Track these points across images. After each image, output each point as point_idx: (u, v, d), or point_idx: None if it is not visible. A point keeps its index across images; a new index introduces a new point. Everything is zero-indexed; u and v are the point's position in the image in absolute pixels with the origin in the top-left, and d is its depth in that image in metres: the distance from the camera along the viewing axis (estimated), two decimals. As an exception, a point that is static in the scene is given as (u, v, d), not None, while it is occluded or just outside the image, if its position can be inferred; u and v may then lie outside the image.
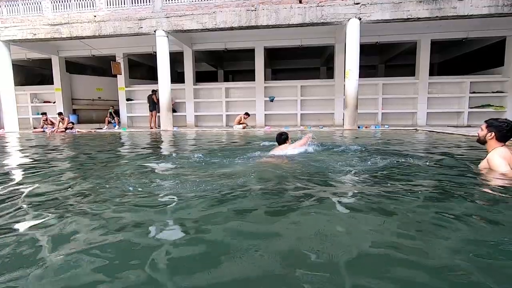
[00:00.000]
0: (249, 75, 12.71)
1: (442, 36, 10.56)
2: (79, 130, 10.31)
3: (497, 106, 10.52)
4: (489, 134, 2.48)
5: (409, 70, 12.54)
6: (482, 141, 2.55)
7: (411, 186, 2.32)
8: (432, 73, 11.32)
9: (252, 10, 9.01)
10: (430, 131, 8.15)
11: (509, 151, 2.44)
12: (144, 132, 9.89)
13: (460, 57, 13.03)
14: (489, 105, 10.60)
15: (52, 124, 10.71)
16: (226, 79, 17.35)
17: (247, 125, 10.49)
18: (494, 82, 10.68)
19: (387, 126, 9.89)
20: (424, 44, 10.70)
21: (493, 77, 10.71)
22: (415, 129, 9.08)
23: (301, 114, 11.78)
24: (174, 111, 11.79)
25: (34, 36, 10.14)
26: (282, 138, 3.94)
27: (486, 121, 2.55)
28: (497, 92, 10.56)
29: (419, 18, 8.51)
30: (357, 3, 8.66)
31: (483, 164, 2.63)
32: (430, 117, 11.04)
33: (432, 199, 1.98)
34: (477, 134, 2.62)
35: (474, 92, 10.69)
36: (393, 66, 15.41)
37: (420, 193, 2.10)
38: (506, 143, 2.49)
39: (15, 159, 4.66)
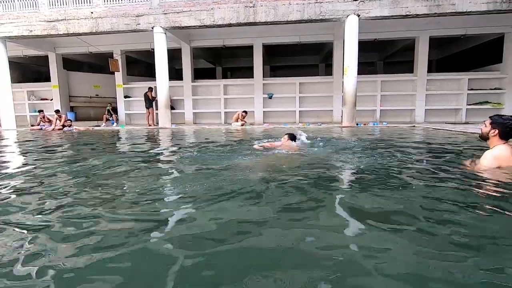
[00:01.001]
0: (247, 72, 12.67)
1: (440, 32, 10.55)
2: (77, 127, 10.27)
3: (495, 103, 10.54)
4: (492, 130, 2.42)
5: (407, 67, 12.53)
6: (485, 138, 2.51)
7: (410, 184, 2.33)
8: (430, 69, 11.31)
9: (251, 7, 8.96)
10: (428, 127, 8.17)
11: (510, 149, 2.39)
12: (142, 129, 9.86)
13: (458, 53, 13.03)
14: (487, 102, 10.62)
15: (50, 121, 10.65)
16: (224, 76, 17.30)
17: (245, 122, 10.44)
18: (492, 79, 10.70)
19: (385, 123, 9.91)
20: (423, 40, 10.69)
21: (491, 74, 10.72)
22: (413, 125, 9.09)
23: (299, 111, 11.77)
24: (172, 108, 11.75)
25: (31, 33, 10.05)
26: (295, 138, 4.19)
27: (490, 117, 2.49)
28: (495, 89, 10.58)
29: (418, 14, 8.49)
30: (355, 0, 8.63)
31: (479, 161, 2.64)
32: (428, 114, 11.05)
33: (427, 198, 1.99)
34: (479, 130, 2.59)
35: (472, 89, 10.70)
36: (391, 63, 15.41)
37: (415, 192, 2.11)
38: (509, 141, 2.45)
39: (11, 157, 4.63)
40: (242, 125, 10.03)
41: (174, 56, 12.71)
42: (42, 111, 11.00)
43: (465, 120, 10.65)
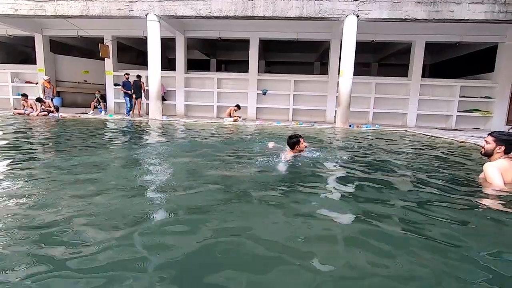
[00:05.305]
0: (242, 66, 12.45)
1: (436, 38, 10.58)
2: (62, 114, 9.89)
3: (484, 111, 10.71)
4: (498, 147, 2.55)
5: (401, 69, 12.57)
6: (489, 154, 2.62)
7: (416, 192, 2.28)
8: (423, 74, 11.37)
9: (249, 0, 8.72)
10: (422, 133, 8.22)
11: (510, 161, 2.52)
12: (131, 119, 9.57)
13: (452, 60, 13.15)
14: (477, 110, 10.77)
15: (32, 108, 10.14)
16: (218, 68, 17.00)
17: (239, 117, 10.24)
18: (483, 88, 10.83)
19: (378, 126, 9.93)
20: (419, 45, 10.71)
21: (483, 83, 10.86)
22: (405, 130, 9.13)
23: (293, 109, 11.68)
24: (164, 99, 11.46)
25: (16, 12, 9.51)
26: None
27: (491, 135, 2.61)
28: (485, 97, 10.72)
29: (417, 19, 8.44)
30: (355, 0, 8.51)
31: (482, 175, 2.69)
32: (419, 119, 11.14)
33: (430, 207, 1.94)
34: (481, 147, 2.68)
35: (464, 96, 10.83)
36: (386, 65, 15.45)
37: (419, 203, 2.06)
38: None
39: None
40: (234, 120, 9.84)
41: (167, 45, 12.35)
42: (26, 95, 10.43)
43: (455, 126, 10.80)
